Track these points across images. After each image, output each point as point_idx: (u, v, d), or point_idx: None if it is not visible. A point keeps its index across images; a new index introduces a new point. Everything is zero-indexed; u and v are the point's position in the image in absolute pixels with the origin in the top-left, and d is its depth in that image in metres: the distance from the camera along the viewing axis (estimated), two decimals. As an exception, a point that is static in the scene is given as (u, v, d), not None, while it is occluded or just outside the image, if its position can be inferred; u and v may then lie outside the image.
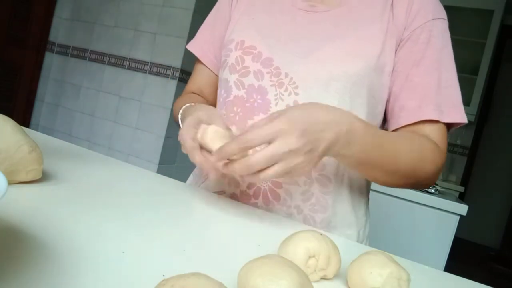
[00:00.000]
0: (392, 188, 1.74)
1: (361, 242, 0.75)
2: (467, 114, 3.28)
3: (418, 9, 0.69)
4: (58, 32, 3.03)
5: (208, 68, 0.86)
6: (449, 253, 1.65)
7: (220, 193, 0.74)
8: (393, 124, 0.71)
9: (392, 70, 0.70)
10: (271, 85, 0.70)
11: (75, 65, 2.96)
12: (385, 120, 0.76)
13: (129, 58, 2.74)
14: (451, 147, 3.74)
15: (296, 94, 0.68)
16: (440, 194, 1.80)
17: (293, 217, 0.69)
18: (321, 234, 0.43)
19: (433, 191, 1.77)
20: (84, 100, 2.90)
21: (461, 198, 3.04)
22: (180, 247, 0.42)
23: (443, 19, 0.71)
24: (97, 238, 0.39)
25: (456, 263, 2.99)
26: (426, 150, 0.64)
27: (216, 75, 0.86)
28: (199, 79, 0.88)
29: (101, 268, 0.33)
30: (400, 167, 0.62)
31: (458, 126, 0.70)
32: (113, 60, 2.80)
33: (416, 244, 1.71)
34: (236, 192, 0.72)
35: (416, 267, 0.54)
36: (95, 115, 2.85)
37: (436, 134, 0.67)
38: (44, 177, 0.52)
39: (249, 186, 0.71)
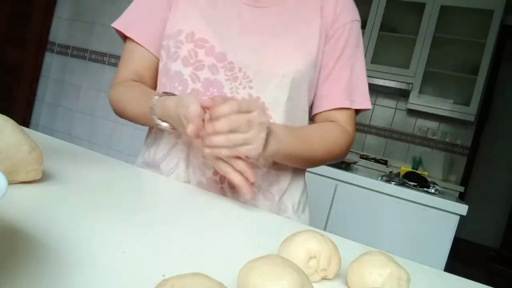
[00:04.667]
0: (392, 188, 1.74)
1: (303, 207, 0.85)
2: (467, 114, 3.28)
3: (341, 10, 0.80)
4: (58, 32, 3.03)
5: (149, 52, 0.81)
6: (449, 253, 1.65)
7: (186, 182, 0.76)
8: (314, 109, 0.83)
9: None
10: (226, 79, 0.74)
11: (75, 65, 2.96)
12: None
13: (129, 58, 2.74)
14: (451, 147, 3.74)
15: (251, 87, 0.74)
16: (440, 194, 1.80)
17: (255, 196, 0.76)
18: (321, 235, 0.43)
19: (433, 191, 1.77)
20: (84, 100, 2.90)
21: (461, 198, 3.04)
22: (180, 247, 0.42)
23: (358, 21, 0.83)
24: (97, 238, 0.39)
25: (456, 263, 2.99)
26: (336, 137, 0.78)
27: (157, 58, 0.82)
28: (136, 63, 0.82)
29: (101, 268, 0.33)
30: (316, 155, 0.76)
31: (365, 111, 0.86)
32: (113, 60, 2.80)
33: (416, 244, 1.71)
34: (203, 180, 0.75)
35: (416, 267, 0.54)
36: (95, 115, 2.85)
37: (346, 119, 0.81)
38: (44, 177, 0.52)
39: (215, 172, 0.74)
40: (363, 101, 0.83)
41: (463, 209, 1.63)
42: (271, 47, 0.75)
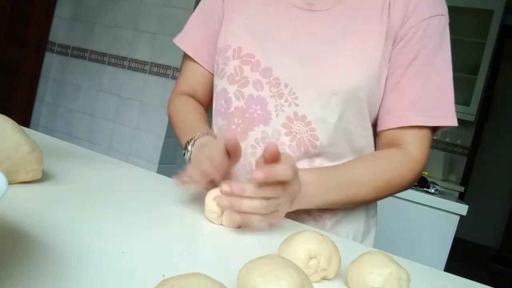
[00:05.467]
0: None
1: (361, 240, 0.76)
2: (467, 114, 3.28)
3: (415, 6, 0.66)
4: (58, 32, 3.03)
5: (202, 67, 0.82)
6: (449, 253, 1.65)
7: None
8: (378, 126, 0.71)
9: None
10: (271, 96, 0.68)
11: (75, 65, 2.96)
12: None
13: (129, 58, 2.74)
14: (451, 147, 3.74)
15: (296, 105, 0.67)
16: (440, 194, 1.80)
17: (303, 218, 0.69)
18: (321, 235, 0.43)
19: (433, 191, 1.77)
20: (84, 100, 2.90)
21: (461, 198, 3.04)
22: (180, 247, 0.42)
23: (442, 15, 0.67)
24: (97, 238, 0.39)
25: (456, 263, 2.99)
26: (394, 170, 0.67)
27: (211, 73, 0.82)
28: (192, 78, 0.84)
29: (101, 268, 0.33)
30: (365, 196, 0.67)
31: (447, 127, 0.69)
32: (113, 60, 2.80)
33: (416, 244, 1.71)
34: None
35: (416, 267, 0.54)
36: (95, 115, 2.85)
37: (414, 140, 0.67)
38: (44, 177, 0.52)
39: None
40: (444, 116, 0.66)
41: (463, 209, 1.63)
42: (323, 59, 0.66)
